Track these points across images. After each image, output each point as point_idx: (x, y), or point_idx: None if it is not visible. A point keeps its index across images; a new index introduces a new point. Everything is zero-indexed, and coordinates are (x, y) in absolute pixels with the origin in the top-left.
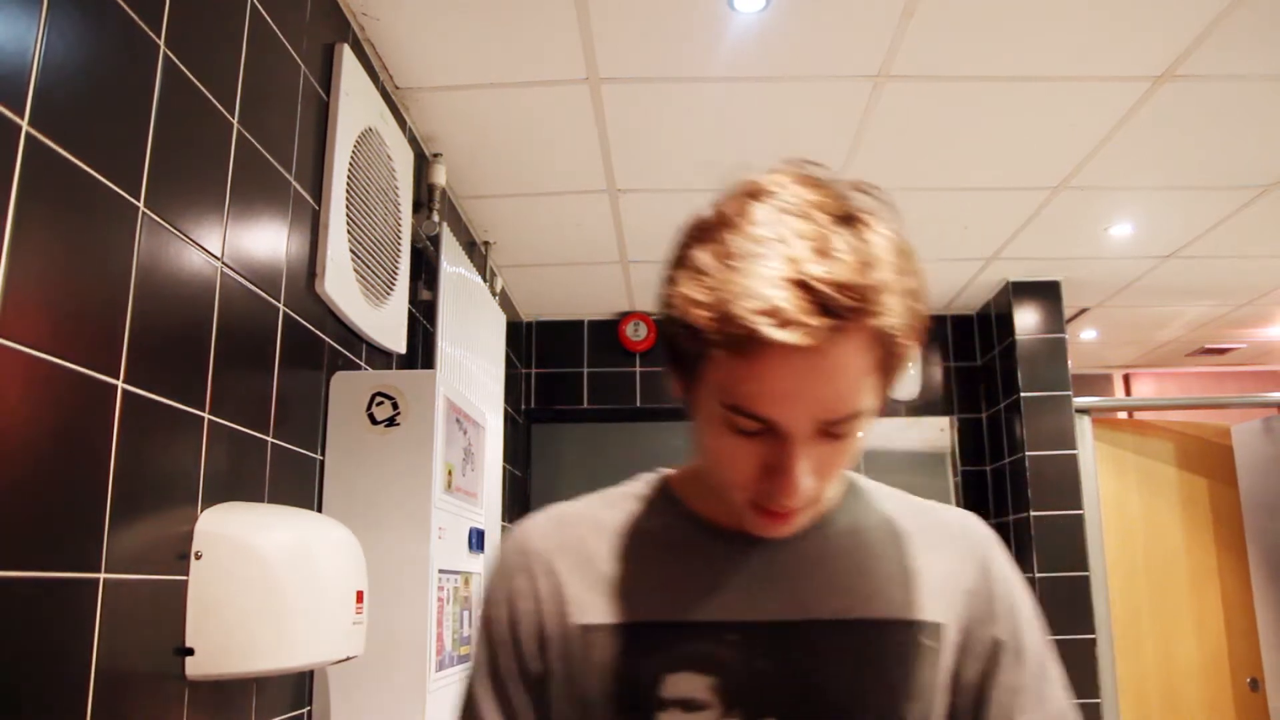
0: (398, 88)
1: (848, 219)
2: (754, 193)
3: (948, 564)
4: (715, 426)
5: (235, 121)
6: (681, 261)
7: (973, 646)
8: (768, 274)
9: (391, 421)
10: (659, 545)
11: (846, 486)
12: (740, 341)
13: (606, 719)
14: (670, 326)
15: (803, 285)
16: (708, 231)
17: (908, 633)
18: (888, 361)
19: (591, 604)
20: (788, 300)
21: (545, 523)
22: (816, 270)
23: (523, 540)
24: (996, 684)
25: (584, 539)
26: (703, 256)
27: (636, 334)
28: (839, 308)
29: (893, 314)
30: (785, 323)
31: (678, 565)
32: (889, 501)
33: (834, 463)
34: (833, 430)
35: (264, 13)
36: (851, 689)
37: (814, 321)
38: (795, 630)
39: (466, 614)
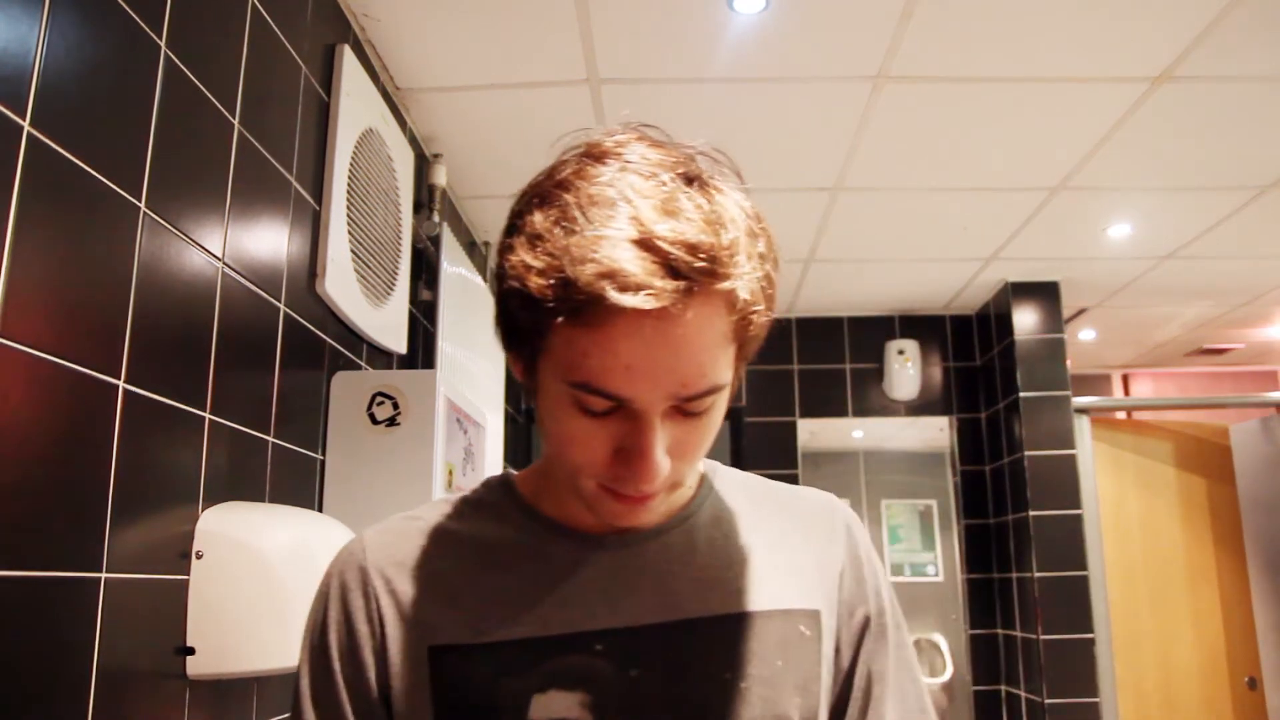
0: (398, 88)
1: (694, 180)
2: (594, 154)
3: (816, 547)
4: (561, 408)
5: (236, 122)
6: (516, 228)
7: (845, 629)
8: (610, 235)
9: (392, 421)
10: (511, 555)
11: (703, 476)
12: (583, 310)
13: None
14: (506, 300)
15: (648, 245)
16: (544, 194)
17: (786, 623)
18: (742, 330)
19: (441, 624)
20: (633, 261)
21: (382, 535)
22: (663, 229)
23: (357, 555)
24: (860, 664)
25: (427, 552)
26: (539, 220)
27: None
28: (688, 269)
29: (745, 277)
30: (630, 286)
31: (533, 575)
32: (747, 488)
33: (692, 443)
34: (689, 407)
35: (265, 13)
36: (732, 688)
37: (662, 284)
38: (667, 632)
39: None
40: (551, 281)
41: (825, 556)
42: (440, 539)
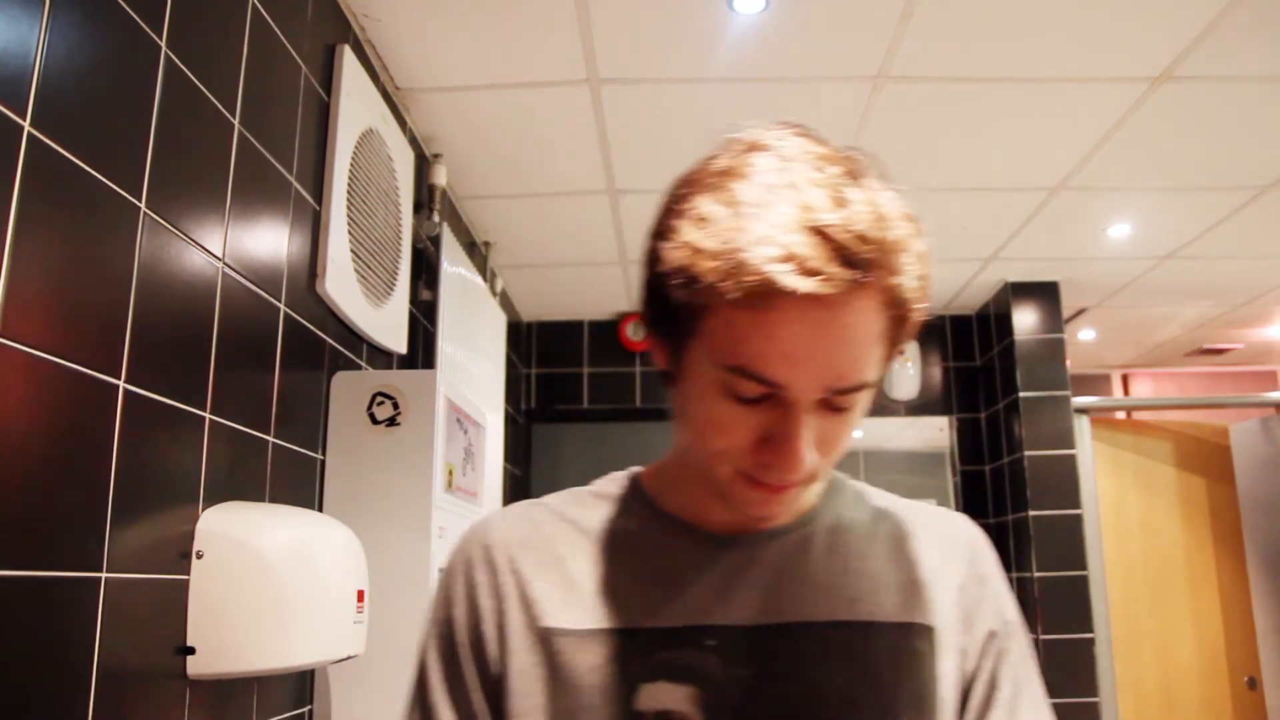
0: (398, 88)
1: (854, 175)
2: (756, 146)
3: (938, 563)
4: (709, 393)
5: (236, 122)
6: (679, 212)
7: (967, 647)
8: (785, 221)
9: (392, 421)
10: (631, 547)
11: (828, 484)
12: (754, 292)
13: None
14: (662, 282)
15: (821, 233)
16: (709, 182)
17: (900, 636)
18: (897, 329)
19: (559, 607)
20: (808, 247)
21: (510, 517)
22: (835, 219)
23: (485, 533)
24: (979, 684)
25: (552, 537)
26: (708, 205)
27: (636, 334)
28: (859, 259)
29: (908, 273)
30: (805, 270)
31: (651, 568)
32: (874, 500)
33: (835, 438)
34: (837, 401)
35: (265, 14)
36: (841, 697)
37: (835, 270)
38: (779, 634)
39: None
40: (721, 263)
41: (946, 572)
42: (563, 526)
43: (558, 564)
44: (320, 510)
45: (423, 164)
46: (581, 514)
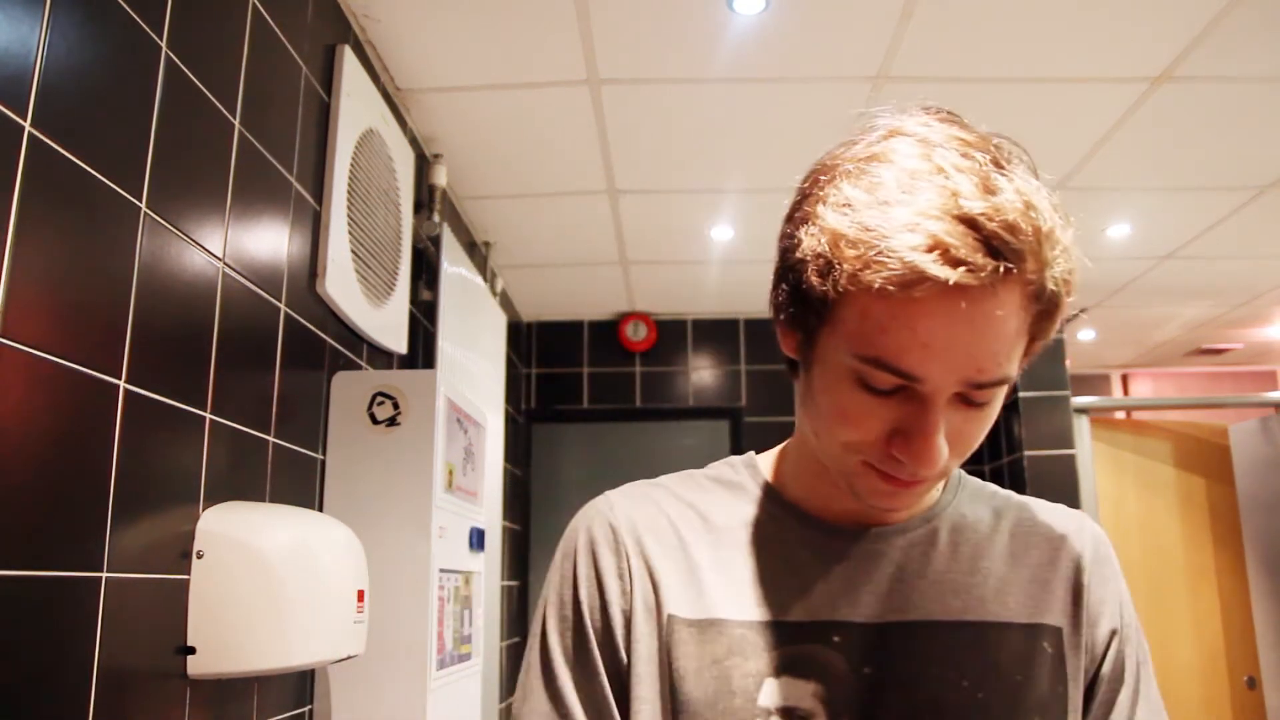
0: (398, 89)
1: (1001, 163)
2: (898, 131)
3: (1060, 562)
4: (841, 383)
5: (237, 122)
6: (820, 198)
7: (1090, 646)
8: (930, 208)
9: (392, 421)
10: (755, 536)
11: (950, 478)
12: (896, 280)
13: None
14: (798, 269)
15: (970, 222)
16: (849, 168)
17: (1028, 638)
18: (1040, 323)
19: (684, 595)
20: (955, 236)
21: (631, 497)
22: (983, 207)
23: (609, 513)
24: (1103, 682)
25: (673, 520)
26: (848, 190)
27: (636, 334)
28: (1008, 250)
29: (1055, 266)
30: (952, 260)
31: (776, 560)
32: (995, 496)
33: (969, 434)
34: (975, 395)
35: (265, 14)
36: (967, 698)
37: (983, 261)
38: (907, 632)
39: (467, 613)
40: (863, 250)
41: (1069, 572)
42: (684, 510)
43: (682, 549)
44: (320, 510)
45: (423, 164)
46: (702, 499)
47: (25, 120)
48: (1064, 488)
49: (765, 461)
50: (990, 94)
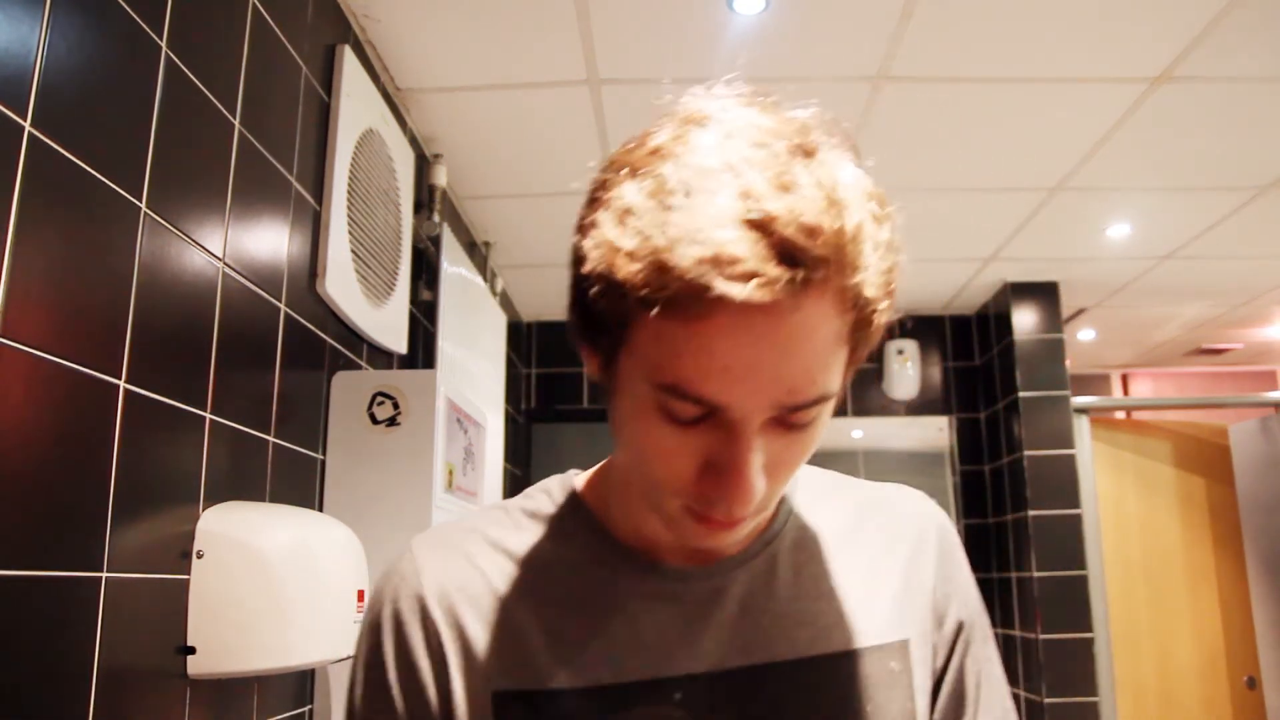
0: (398, 89)
1: (811, 153)
2: (695, 119)
3: (906, 563)
4: (643, 414)
5: (237, 122)
6: (600, 201)
7: (938, 644)
8: (716, 213)
9: (392, 421)
10: (576, 582)
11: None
12: (681, 300)
13: None
14: (584, 285)
15: (760, 226)
16: (636, 164)
17: (875, 662)
18: (859, 331)
19: (507, 664)
20: (743, 245)
21: (438, 553)
22: (777, 208)
23: (414, 579)
24: (949, 677)
25: (488, 575)
26: (630, 192)
27: None
28: (805, 257)
29: (868, 269)
30: (739, 275)
31: (605, 609)
32: (828, 493)
33: (790, 460)
34: (792, 419)
35: (265, 14)
36: None
37: (776, 272)
38: (750, 677)
39: None
40: (643, 265)
41: (915, 571)
42: (501, 560)
43: (500, 609)
44: (320, 510)
45: (423, 164)
46: (520, 541)
47: (25, 120)
48: (1064, 488)
49: (588, 489)
50: (990, 94)
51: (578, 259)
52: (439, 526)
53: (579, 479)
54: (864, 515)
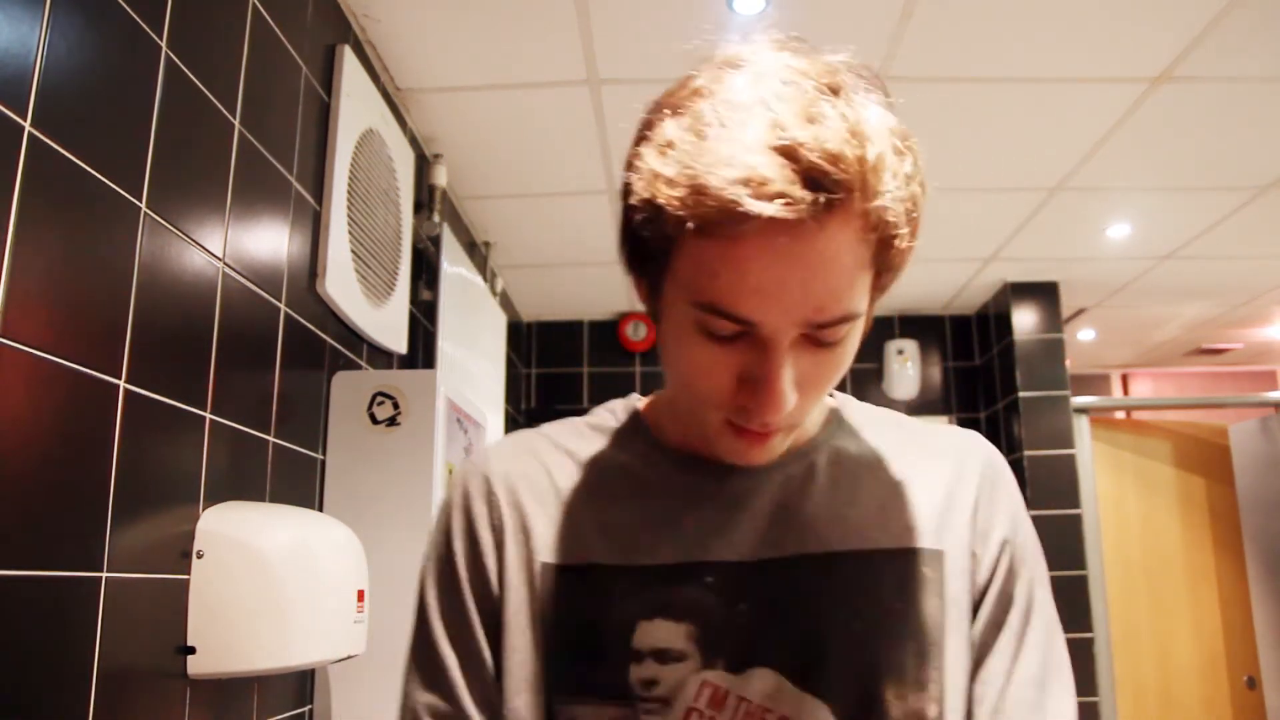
0: (398, 89)
1: (837, 90)
2: (731, 62)
3: (948, 484)
4: (685, 333)
5: (237, 122)
6: (644, 138)
7: (980, 563)
8: (748, 141)
9: (392, 421)
10: (629, 480)
11: (831, 409)
12: (715, 219)
13: (571, 670)
14: (632, 214)
15: (788, 152)
16: (676, 103)
17: (905, 563)
18: (882, 255)
19: (556, 542)
20: (772, 168)
21: (508, 449)
22: (803, 136)
23: (484, 464)
24: (990, 597)
25: (549, 469)
26: (670, 128)
27: (636, 334)
28: (829, 181)
29: (889, 195)
30: (766, 194)
31: (649, 502)
32: (879, 423)
33: (821, 376)
34: (821, 335)
35: (265, 14)
36: (845, 629)
37: (801, 193)
38: (779, 568)
39: None
40: (682, 190)
41: (957, 493)
42: (562, 458)
43: (556, 497)
44: (320, 510)
45: (423, 164)
46: (580, 445)
47: (25, 120)
48: (1064, 488)
49: (647, 407)
50: (990, 94)
51: (626, 192)
52: (512, 434)
53: (640, 401)
54: (910, 439)
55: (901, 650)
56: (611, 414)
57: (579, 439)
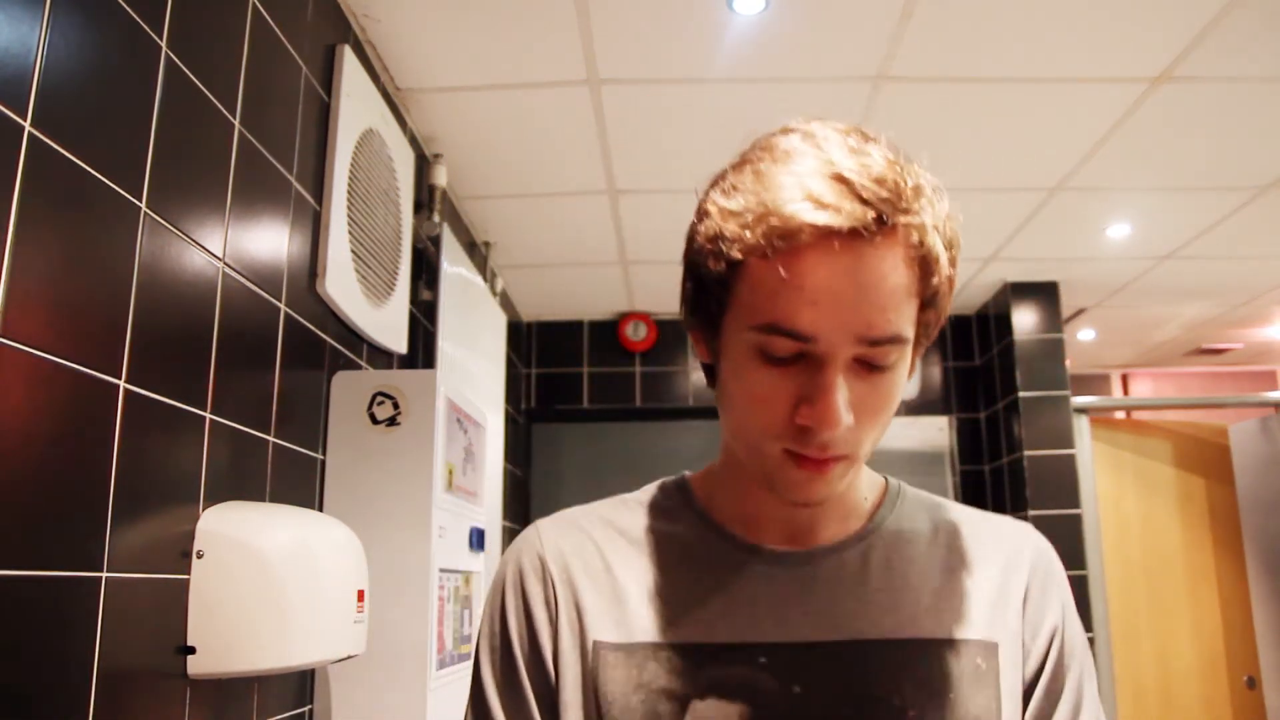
0: (398, 89)
1: (874, 140)
2: (779, 131)
3: (1001, 574)
4: (744, 363)
5: (237, 122)
6: (709, 192)
7: (1030, 655)
8: (805, 171)
9: (392, 421)
10: (681, 558)
11: (887, 491)
12: (779, 234)
13: None
14: (698, 257)
15: (839, 178)
16: (738, 163)
17: (962, 654)
18: (925, 284)
19: (609, 620)
20: (826, 189)
21: (559, 526)
22: (851, 164)
23: (536, 543)
24: (1041, 689)
25: (600, 546)
26: (732, 177)
27: (636, 334)
28: (875, 197)
29: (927, 216)
30: (825, 206)
31: (702, 580)
32: (935, 510)
33: (875, 404)
34: (873, 356)
35: (265, 14)
36: (900, 716)
37: (852, 207)
38: (834, 651)
39: (467, 613)
40: (748, 218)
41: (1009, 583)
42: (613, 535)
43: (609, 574)
44: (320, 510)
45: (423, 164)
46: (632, 522)
47: (25, 120)
48: (1064, 488)
49: (696, 482)
50: (990, 94)
51: (690, 239)
52: (563, 511)
53: (690, 476)
54: (962, 528)
55: None
56: (662, 493)
57: (630, 515)
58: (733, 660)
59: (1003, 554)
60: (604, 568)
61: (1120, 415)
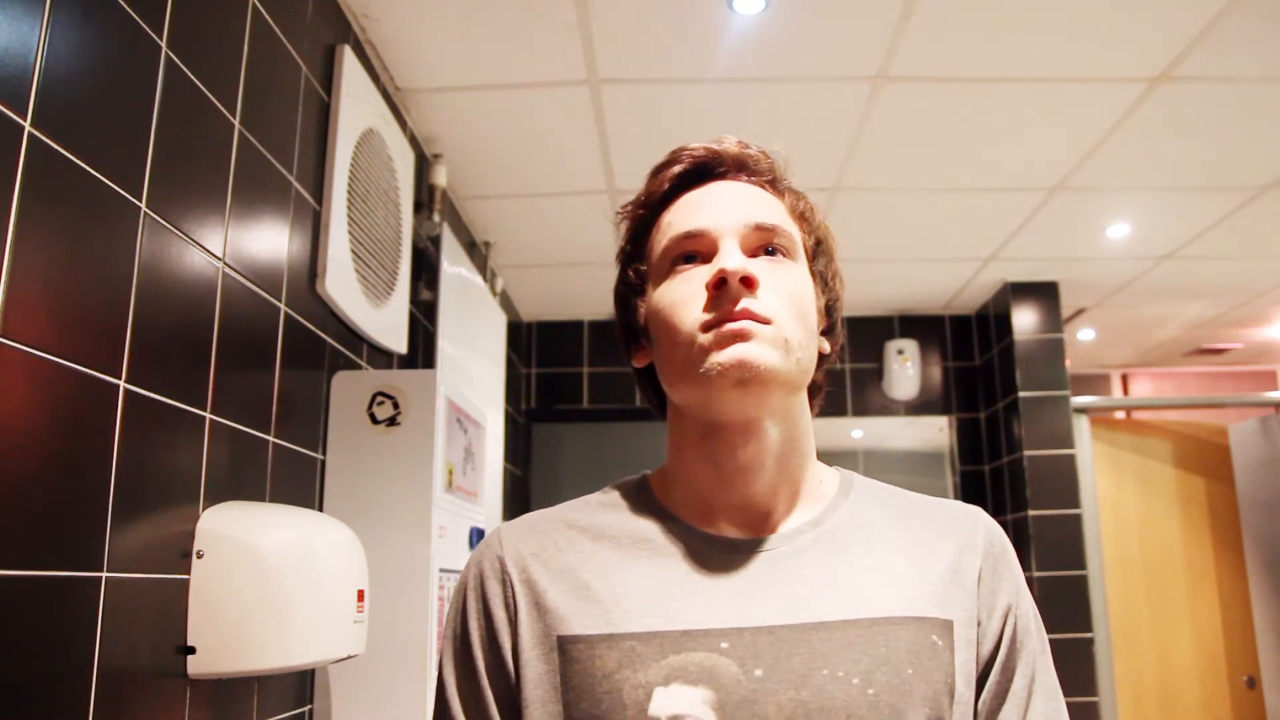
0: (399, 89)
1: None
2: None
3: (953, 556)
4: (666, 293)
5: (237, 122)
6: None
7: (984, 635)
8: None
9: (392, 421)
10: (642, 550)
11: (841, 483)
12: (665, 182)
13: None
14: (625, 247)
15: (715, 142)
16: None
17: (918, 632)
18: (805, 225)
19: (573, 614)
20: (701, 147)
21: (519, 529)
22: (728, 139)
23: (496, 546)
24: (997, 668)
25: (561, 546)
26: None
27: None
28: (741, 151)
29: (792, 185)
30: (695, 146)
31: (662, 570)
32: (886, 497)
33: (779, 282)
34: (764, 241)
35: (265, 14)
36: (859, 694)
37: (721, 149)
38: (794, 634)
39: None
40: (642, 193)
41: (963, 565)
42: (573, 532)
43: (570, 571)
44: (320, 510)
45: (423, 164)
46: (593, 520)
47: (25, 120)
48: (1063, 488)
49: (654, 480)
50: (988, 94)
51: (619, 256)
52: (524, 515)
53: (648, 474)
54: (915, 513)
55: (913, 716)
56: (622, 489)
57: (590, 513)
58: (695, 647)
59: (956, 536)
60: (565, 565)
61: (1120, 415)
